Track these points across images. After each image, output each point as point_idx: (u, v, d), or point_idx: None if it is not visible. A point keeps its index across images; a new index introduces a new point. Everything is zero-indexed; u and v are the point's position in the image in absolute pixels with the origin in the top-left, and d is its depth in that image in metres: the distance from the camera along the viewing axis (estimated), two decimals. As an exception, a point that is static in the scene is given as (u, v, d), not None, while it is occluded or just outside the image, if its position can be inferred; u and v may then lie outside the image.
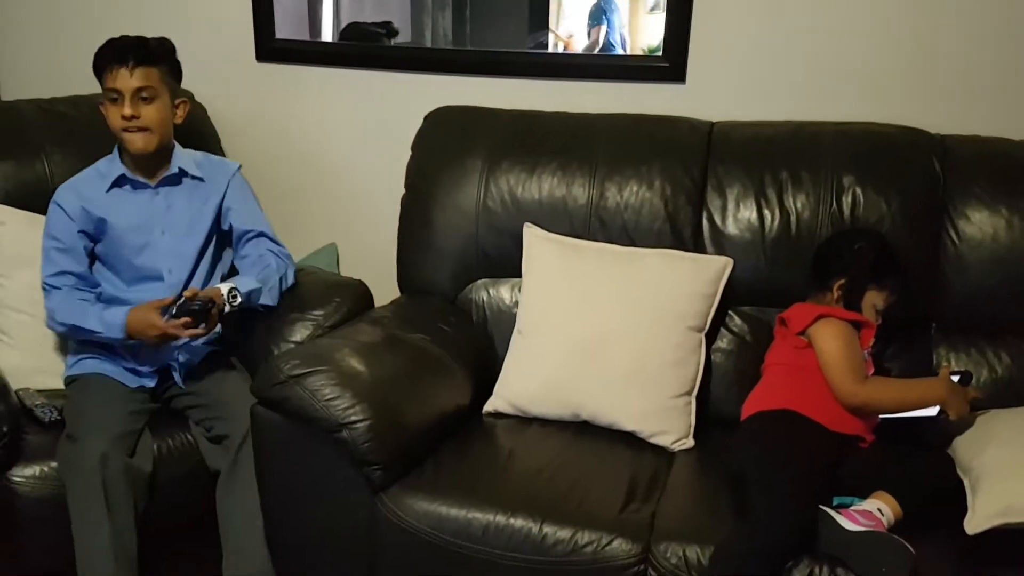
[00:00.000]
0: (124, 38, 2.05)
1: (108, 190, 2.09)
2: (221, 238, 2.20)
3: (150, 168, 2.11)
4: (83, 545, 1.80)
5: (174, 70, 2.11)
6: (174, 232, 2.12)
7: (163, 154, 2.11)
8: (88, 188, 2.10)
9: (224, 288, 1.99)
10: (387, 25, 2.52)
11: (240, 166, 2.25)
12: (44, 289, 2.07)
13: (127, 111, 2.01)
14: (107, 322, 1.98)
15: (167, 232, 2.11)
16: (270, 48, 2.61)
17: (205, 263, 2.16)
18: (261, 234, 2.19)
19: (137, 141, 2.04)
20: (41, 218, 2.16)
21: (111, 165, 2.13)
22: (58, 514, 1.81)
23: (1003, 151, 2.03)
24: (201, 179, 2.15)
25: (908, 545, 1.48)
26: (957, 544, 1.56)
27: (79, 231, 2.07)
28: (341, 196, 2.68)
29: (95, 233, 2.09)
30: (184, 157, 2.15)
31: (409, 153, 2.32)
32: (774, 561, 1.54)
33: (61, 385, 2.10)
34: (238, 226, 2.18)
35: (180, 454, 1.99)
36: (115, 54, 2.02)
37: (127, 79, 2.01)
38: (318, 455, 1.77)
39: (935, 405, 1.77)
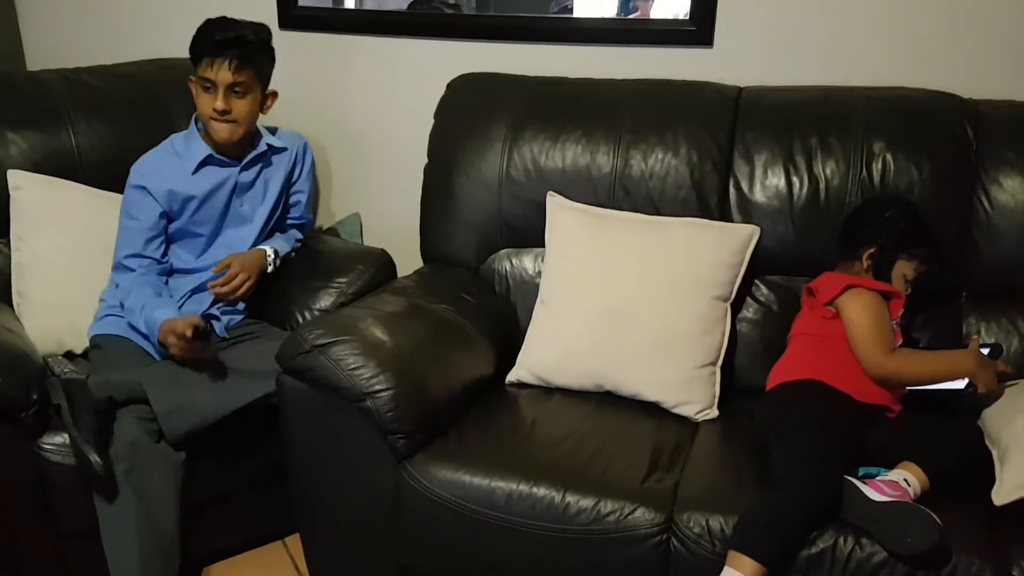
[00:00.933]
0: (225, 26, 2.04)
1: (195, 171, 2.12)
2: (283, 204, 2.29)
3: (236, 148, 2.14)
4: (112, 547, 1.82)
5: (269, 62, 2.12)
6: (252, 202, 2.20)
7: (247, 138, 2.15)
8: (172, 169, 2.12)
9: (268, 251, 2.16)
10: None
11: (306, 140, 2.31)
12: (117, 268, 2.11)
13: (220, 104, 2.04)
14: (148, 325, 1.99)
15: (247, 203, 2.19)
16: (293, 15, 2.60)
17: (269, 228, 2.24)
18: (304, 224, 2.35)
19: (223, 132, 2.08)
20: (58, 181, 2.21)
21: (192, 144, 2.14)
22: (109, 463, 1.81)
23: (1038, 116, 1.99)
24: (285, 148, 2.22)
25: (934, 515, 1.47)
26: (984, 515, 1.55)
27: (161, 212, 2.10)
28: (365, 165, 2.67)
29: (177, 212, 2.13)
30: (266, 133, 2.21)
31: (432, 121, 2.30)
32: (799, 530, 1.54)
33: (85, 343, 2.12)
34: (297, 209, 2.30)
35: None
36: (215, 47, 2.01)
37: (224, 73, 2.03)
38: (343, 424, 1.79)
39: (963, 378, 1.75)
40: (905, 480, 1.58)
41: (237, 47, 2.02)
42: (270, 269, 2.17)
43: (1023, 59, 2.08)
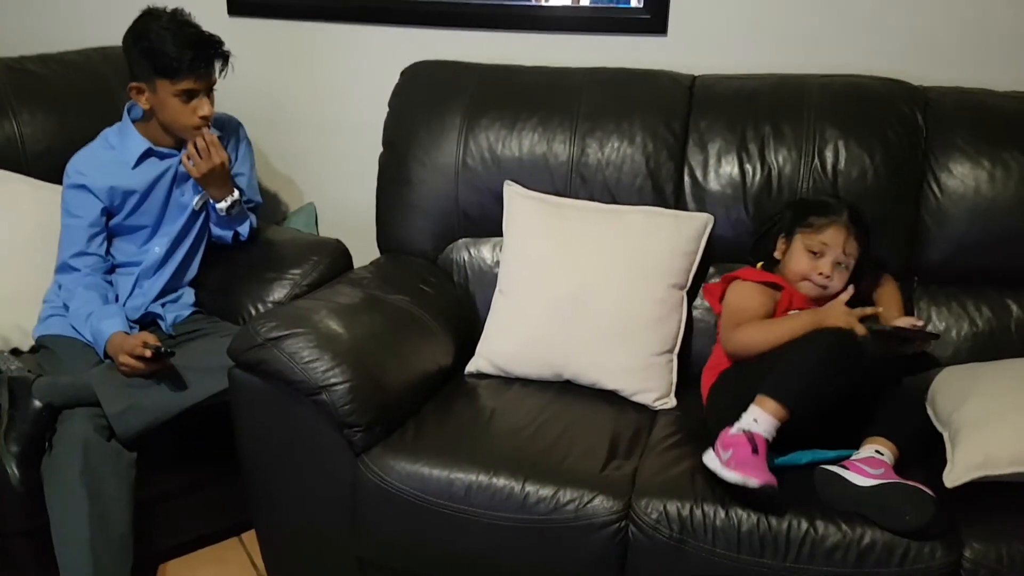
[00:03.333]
0: (192, 38, 1.99)
1: (135, 166, 2.08)
2: None
3: (176, 137, 2.10)
4: (64, 547, 1.77)
5: None
6: (193, 190, 2.15)
7: None
8: (110, 164, 2.08)
9: (235, 192, 2.12)
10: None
11: (240, 123, 2.27)
12: (62, 268, 2.07)
13: (207, 111, 2.03)
14: (94, 335, 1.95)
15: (187, 192, 2.14)
16: (242, 2, 2.55)
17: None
18: (255, 207, 2.27)
19: (199, 134, 2.05)
20: (3, 173, 2.16)
21: (128, 138, 2.10)
22: (37, 477, 1.79)
23: (986, 103, 2.02)
24: (219, 135, 2.15)
25: (926, 489, 1.49)
26: (936, 497, 1.57)
27: (103, 209, 2.06)
28: (319, 154, 2.64)
29: (118, 207, 2.09)
30: None
31: (387, 110, 2.27)
32: (818, 374, 1.60)
33: (30, 341, 2.09)
34: (242, 192, 2.21)
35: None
36: (198, 61, 1.98)
37: (205, 81, 2.02)
38: (298, 418, 1.76)
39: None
40: (878, 451, 1.60)
41: (212, 51, 2.01)
42: (224, 204, 2.10)
43: (971, 45, 2.11)
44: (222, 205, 2.11)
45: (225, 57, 2.04)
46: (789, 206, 1.95)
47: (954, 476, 1.57)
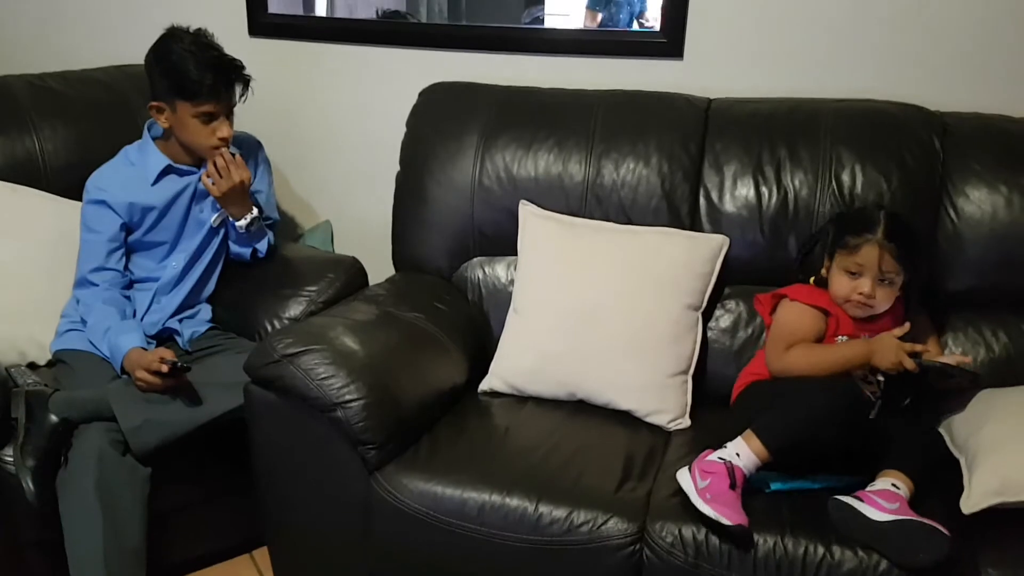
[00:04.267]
0: (212, 60, 2.01)
1: (155, 183, 2.10)
2: None
3: (196, 156, 2.12)
4: (78, 561, 1.78)
5: None
6: (211, 206, 2.16)
7: None
8: (130, 180, 2.10)
9: (255, 210, 2.14)
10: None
11: (259, 141, 2.29)
12: (80, 283, 2.09)
13: (226, 132, 2.05)
14: (112, 350, 1.96)
15: (206, 208, 2.16)
16: (263, 23, 2.58)
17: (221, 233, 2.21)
18: (273, 224, 2.28)
19: (219, 155, 2.07)
20: (22, 188, 2.18)
21: (148, 155, 2.12)
22: (52, 492, 1.80)
23: (1003, 128, 2.01)
24: (239, 150, 2.18)
25: (940, 527, 1.48)
26: (953, 524, 1.55)
27: (122, 224, 2.08)
28: (336, 173, 2.66)
29: (137, 223, 2.10)
30: None
31: (404, 130, 2.29)
32: (805, 427, 1.61)
33: (47, 355, 2.09)
34: (259, 210, 2.24)
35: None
36: (219, 84, 2.00)
37: (229, 102, 2.04)
38: (313, 435, 1.77)
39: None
40: (894, 485, 1.59)
41: (233, 75, 2.03)
42: (243, 222, 2.12)
43: (991, 72, 2.11)
44: (241, 223, 2.13)
45: (246, 81, 2.06)
46: (831, 220, 1.93)
47: (971, 502, 1.55)
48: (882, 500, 1.55)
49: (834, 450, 1.65)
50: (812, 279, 1.91)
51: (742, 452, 1.60)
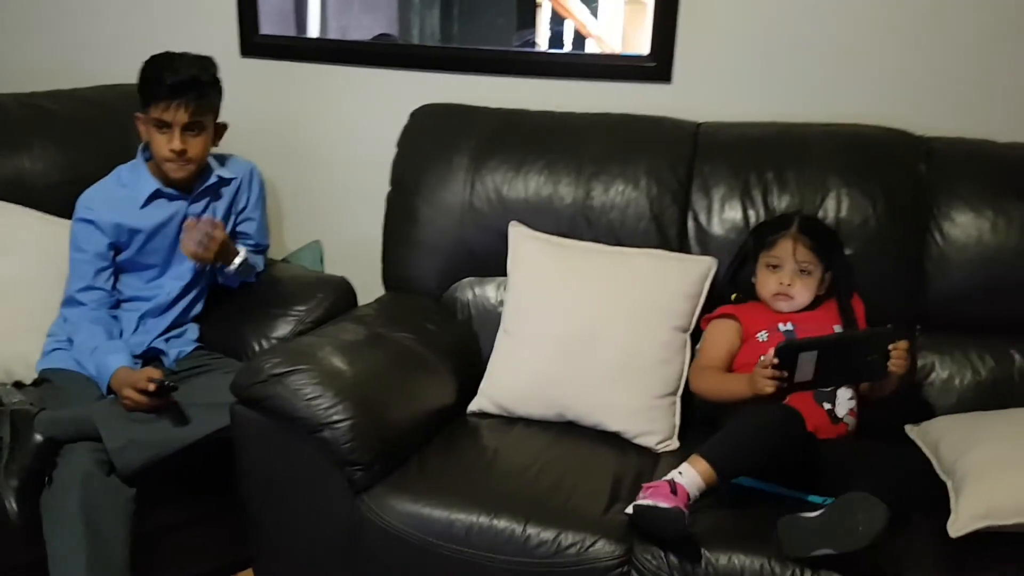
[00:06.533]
0: (175, 67, 2.00)
1: (143, 206, 2.09)
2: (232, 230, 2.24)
3: (185, 181, 2.11)
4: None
5: (219, 96, 2.10)
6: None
7: (198, 171, 2.13)
8: (119, 201, 2.09)
9: (242, 252, 2.14)
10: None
11: (255, 166, 2.28)
12: (68, 302, 2.08)
13: (176, 145, 2.02)
14: (99, 369, 1.95)
15: None
16: (255, 43, 2.58)
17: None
18: (263, 250, 2.29)
19: (179, 172, 2.07)
20: (10, 206, 2.17)
21: (139, 176, 2.11)
22: (36, 512, 1.78)
23: (988, 153, 2.04)
24: (233, 178, 2.19)
25: (874, 496, 1.46)
26: (940, 547, 1.56)
27: (109, 244, 2.07)
28: (326, 193, 2.66)
29: (124, 243, 2.10)
30: (215, 164, 2.17)
31: (395, 150, 2.30)
32: (752, 445, 1.63)
33: (33, 374, 2.08)
34: (250, 236, 2.25)
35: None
36: (169, 90, 1.99)
37: (180, 114, 2.01)
38: (299, 455, 1.76)
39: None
40: None
41: (192, 89, 2.01)
42: (234, 266, 2.12)
43: (973, 96, 2.14)
44: (231, 269, 2.14)
45: (199, 95, 2.01)
46: (751, 232, 2.02)
47: (958, 526, 1.56)
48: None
49: (787, 463, 1.66)
50: (733, 296, 2.00)
51: (685, 471, 1.60)
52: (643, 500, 1.58)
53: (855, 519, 1.45)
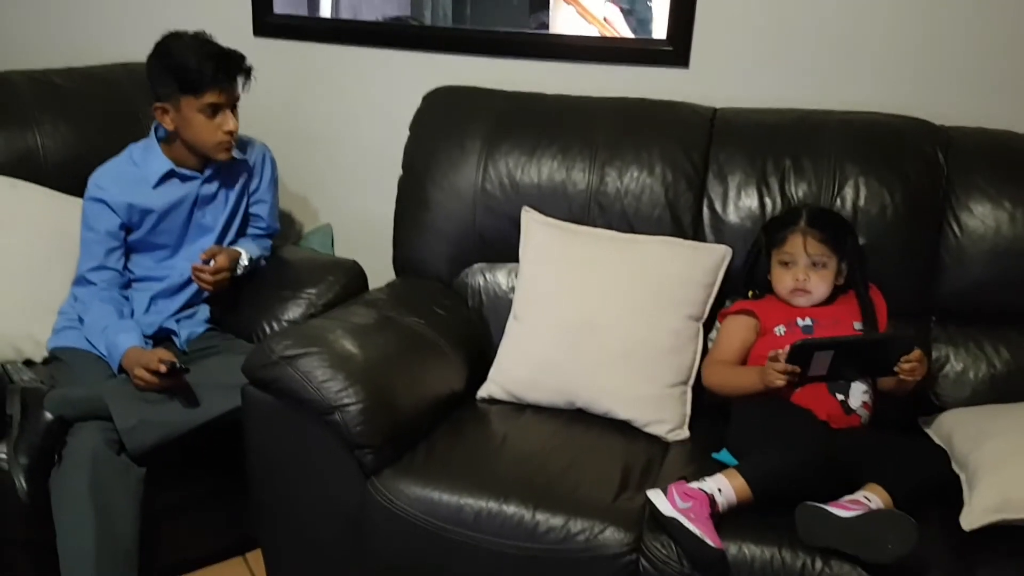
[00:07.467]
0: (216, 52, 2.00)
1: (156, 186, 2.08)
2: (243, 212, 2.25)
3: (201, 159, 2.11)
4: (69, 560, 1.76)
5: None
6: (214, 212, 2.16)
7: None
8: (131, 181, 2.08)
9: (243, 255, 2.13)
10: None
11: (267, 148, 2.27)
12: (79, 281, 2.08)
13: (232, 126, 2.03)
14: (110, 348, 1.95)
15: (208, 214, 2.15)
16: (268, 23, 2.57)
17: (230, 235, 2.20)
18: (273, 233, 2.28)
19: (230, 152, 2.07)
20: (21, 183, 2.17)
21: (151, 156, 2.10)
22: (45, 490, 1.78)
23: (1007, 144, 2.02)
24: (245, 159, 2.18)
25: (909, 516, 1.46)
26: (953, 540, 1.55)
27: (120, 224, 2.07)
28: (338, 175, 2.65)
29: (136, 223, 2.09)
30: None
31: (407, 133, 2.28)
32: (790, 473, 1.60)
33: (43, 352, 2.08)
34: (261, 219, 2.25)
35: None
36: (225, 73, 1.99)
37: (233, 93, 2.02)
38: (310, 438, 1.75)
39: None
40: (866, 498, 1.57)
41: (234, 64, 2.01)
42: (239, 271, 2.13)
43: (994, 86, 2.11)
44: (237, 274, 2.15)
45: (247, 71, 2.04)
46: (762, 229, 2.00)
47: (971, 519, 1.55)
48: (851, 505, 1.53)
49: (819, 491, 1.62)
50: (750, 292, 1.98)
51: (723, 488, 1.58)
52: (692, 524, 1.52)
53: (886, 535, 1.45)
